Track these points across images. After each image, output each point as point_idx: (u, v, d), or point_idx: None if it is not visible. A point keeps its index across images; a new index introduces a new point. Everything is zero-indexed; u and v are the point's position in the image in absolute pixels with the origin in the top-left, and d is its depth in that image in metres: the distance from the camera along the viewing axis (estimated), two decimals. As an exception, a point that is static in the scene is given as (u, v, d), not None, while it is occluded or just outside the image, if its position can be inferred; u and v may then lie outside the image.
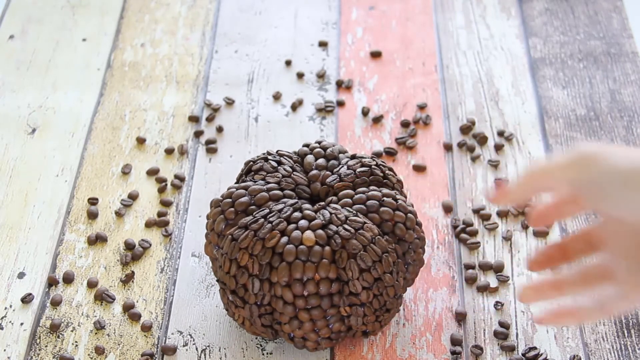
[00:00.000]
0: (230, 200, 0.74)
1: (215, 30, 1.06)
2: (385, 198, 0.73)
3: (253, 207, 0.73)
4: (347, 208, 0.72)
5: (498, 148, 0.92)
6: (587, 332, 0.77)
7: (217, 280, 0.74)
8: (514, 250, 0.84)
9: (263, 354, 0.76)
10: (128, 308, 0.79)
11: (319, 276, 0.70)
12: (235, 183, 0.76)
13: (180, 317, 0.79)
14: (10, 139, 0.94)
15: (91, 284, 0.81)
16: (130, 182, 0.90)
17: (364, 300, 0.70)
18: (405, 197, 0.75)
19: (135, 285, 0.81)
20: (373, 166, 0.75)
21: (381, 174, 0.75)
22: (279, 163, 0.76)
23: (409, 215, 0.73)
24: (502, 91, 0.99)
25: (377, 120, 0.95)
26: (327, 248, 0.70)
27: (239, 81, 1.00)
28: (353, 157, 0.77)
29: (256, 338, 0.77)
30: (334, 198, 0.74)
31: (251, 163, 0.77)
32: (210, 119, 0.96)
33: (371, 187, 0.74)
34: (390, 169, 0.77)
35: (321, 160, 0.76)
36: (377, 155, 0.92)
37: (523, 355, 0.76)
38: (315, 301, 0.70)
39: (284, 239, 0.70)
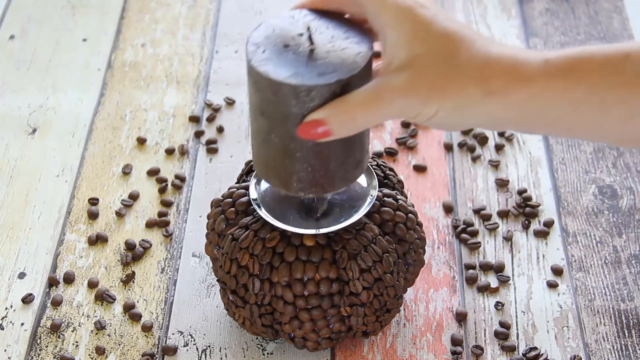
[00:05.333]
0: (231, 200, 0.74)
1: (215, 30, 1.06)
2: (385, 198, 0.73)
3: (253, 207, 0.73)
4: (348, 208, 0.72)
5: (499, 148, 0.92)
6: (587, 332, 0.77)
7: (218, 280, 0.74)
8: (514, 250, 0.84)
9: (264, 354, 0.76)
10: (128, 308, 0.79)
11: (319, 276, 0.70)
12: (236, 183, 0.76)
13: (181, 318, 0.79)
14: (11, 139, 0.94)
15: (92, 284, 0.81)
16: (131, 182, 0.90)
17: (365, 300, 0.70)
18: (406, 197, 0.75)
19: (136, 286, 0.81)
20: (374, 166, 0.75)
21: (382, 174, 0.75)
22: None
23: (410, 215, 0.73)
24: (503, 91, 0.99)
25: (378, 120, 0.95)
26: (328, 248, 0.70)
27: (240, 81, 1.00)
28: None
29: (257, 338, 0.77)
30: (335, 198, 0.74)
31: (252, 163, 0.77)
32: (210, 119, 0.96)
33: (372, 188, 0.74)
34: (391, 169, 0.77)
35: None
36: (378, 155, 0.92)
37: (523, 355, 0.76)
38: (315, 301, 0.70)
39: (285, 239, 0.70)
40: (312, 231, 0.70)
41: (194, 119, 0.96)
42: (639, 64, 0.58)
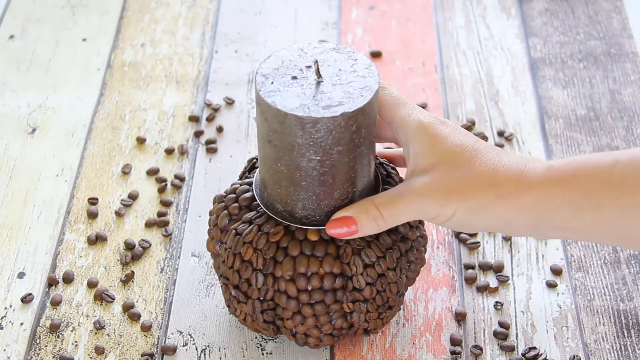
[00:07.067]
0: (234, 195, 0.74)
1: (215, 30, 1.06)
2: (388, 195, 0.73)
3: (257, 202, 0.73)
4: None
5: (498, 148, 0.92)
6: (587, 332, 0.77)
7: (220, 276, 0.74)
8: (513, 250, 0.84)
9: (263, 354, 0.76)
10: (128, 308, 0.79)
11: (323, 270, 0.70)
12: (239, 180, 0.77)
13: (180, 317, 0.79)
14: (10, 139, 0.94)
15: (91, 284, 0.81)
16: (130, 182, 0.90)
17: (368, 296, 0.71)
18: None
19: (135, 285, 0.81)
20: (377, 164, 0.75)
21: (384, 172, 0.76)
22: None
23: (411, 213, 0.73)
24: (502, 91, 0.99)
25: (377, 120, 0.95)
26: (332, 243, 0.70)
27: (239, 81, 1.00)
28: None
29: (256, 338, 0.77)
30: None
31: (254, 160, 0.77)
32: (210, 119, 0.96)
33: (375, 185, 0.74)
34: (394, 168, 0.77)
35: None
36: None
37: (523, 355, 0.76)
38: (319, 296, 0.70)
39: (289, 234, 0.70)
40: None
41: (194, 119, 0.96)
42: (626, 168, 0.63)
